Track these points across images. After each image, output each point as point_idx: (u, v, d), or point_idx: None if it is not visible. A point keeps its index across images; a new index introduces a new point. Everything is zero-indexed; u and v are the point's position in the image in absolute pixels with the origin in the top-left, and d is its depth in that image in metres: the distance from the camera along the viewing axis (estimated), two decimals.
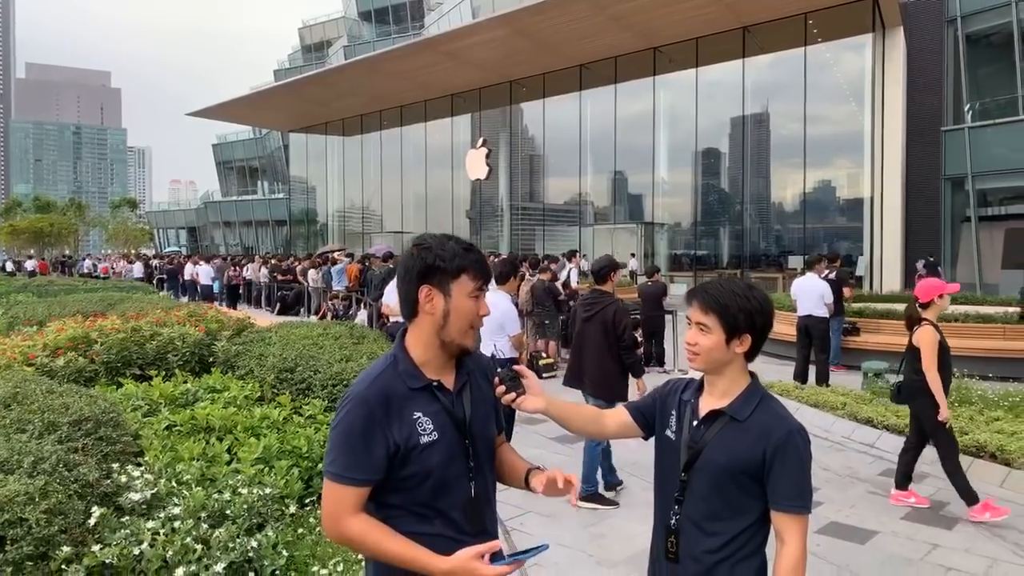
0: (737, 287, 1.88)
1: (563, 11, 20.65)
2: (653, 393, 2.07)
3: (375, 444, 1.60)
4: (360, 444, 1.60)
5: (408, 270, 1.70)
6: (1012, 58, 19.48)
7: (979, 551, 4.38)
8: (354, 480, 1.60)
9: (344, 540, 1.62)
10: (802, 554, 1.74)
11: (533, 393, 1.87)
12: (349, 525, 1.60)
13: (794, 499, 1.75)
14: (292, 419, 5.35)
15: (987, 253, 20.60)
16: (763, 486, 1.78)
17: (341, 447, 1.61)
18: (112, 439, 3.91)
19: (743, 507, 1.80)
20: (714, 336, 1.85)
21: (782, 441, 1.75)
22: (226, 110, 35.18)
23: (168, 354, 7.11)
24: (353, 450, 1.60)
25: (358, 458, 1.60)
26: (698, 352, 1.88)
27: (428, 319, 1.69)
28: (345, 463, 1.60)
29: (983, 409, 6.84)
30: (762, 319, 1.85)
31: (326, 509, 1.62)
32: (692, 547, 1.82)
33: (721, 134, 24.21)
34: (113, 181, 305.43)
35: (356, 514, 1.61)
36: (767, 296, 1.90)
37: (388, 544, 1.60)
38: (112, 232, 62.50)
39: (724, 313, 1.83)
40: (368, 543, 1.61)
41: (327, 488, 1.62)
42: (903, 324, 4.82)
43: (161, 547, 2.90)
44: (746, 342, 1.84)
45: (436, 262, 1.67)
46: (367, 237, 35.24)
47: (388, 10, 46.91)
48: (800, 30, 20.29)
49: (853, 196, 21.18)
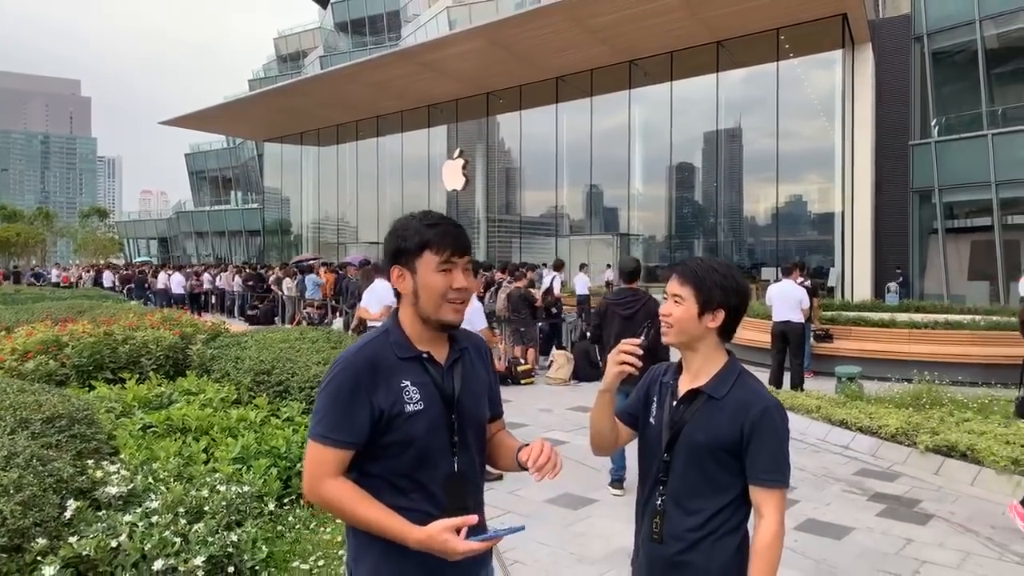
0: (717, 264, 1.91)
1: (540, 23, 20.81)
2: (637, 390, 2.07)
3: (360, 408, 1.62)
4: (346, 407, 1.62)
5: (385, 255, 1.77)
6: (976, 75, 20.01)
7: (952, 545, 4.45)
8: (336, 442, 1.62)
9: (321, 501, 1.64)
10: (779, 528, 1.76)
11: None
12: (327, 487, 1.62)
13: (772, 472, 1.77)
14: (270, 421, 5.30)
15: (954, 265, 21.06)
16: (742, 462, 1.80)
17: (327, 409, 1.63)
18: (87, 436, 3.83)
19: (723, 484, 1.81)
20: (686, 307, 1.87)
21: (759, 416, 1.77)
22: (200, 119, 34.85)
23: (142, 357, 7.01)
24: (338, 412, 1.62)
25: (342, 420, 1.62)
26: (671, 324, 1.89)
27: (405, 299, 1.73)
28: (329, 424, 1.62)
29: (953, 410, 6.97)
30: (736, 298, 1.87)
31: (307, 469, 1.64)
32: (675, 526, 1.83)
33: (695, 148, 24.50)
34: (82, 191, 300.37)
35: (335, 477, 1.63)
36: (745, 281, 1.93)
37: (363, 508, 1.61)
38: (81, 242, 61.46)
39: (700, 285, 1.86)
40: (345, 506, 1.62)
41: (310, 448, 1.64)
42: (872, 331, 4.89)
43: (139, 540, 2.85)
44: (719, 317, 1.86)
45: (399, 243, 1.71)
46: (342, 247, 35.02)
47: (365, 21, 46.95)
48: (772, 46, 20.65)
49: (824, 210, 21.53)
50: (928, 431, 6.28)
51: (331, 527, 3.91)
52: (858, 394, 7.90)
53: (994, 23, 19.93)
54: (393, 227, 1.75)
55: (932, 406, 7.18)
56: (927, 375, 8.34)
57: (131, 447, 4.28)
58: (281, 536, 3.74)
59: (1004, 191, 19.31)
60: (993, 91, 20.75)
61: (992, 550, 4.38)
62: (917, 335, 10.48)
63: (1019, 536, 4.57)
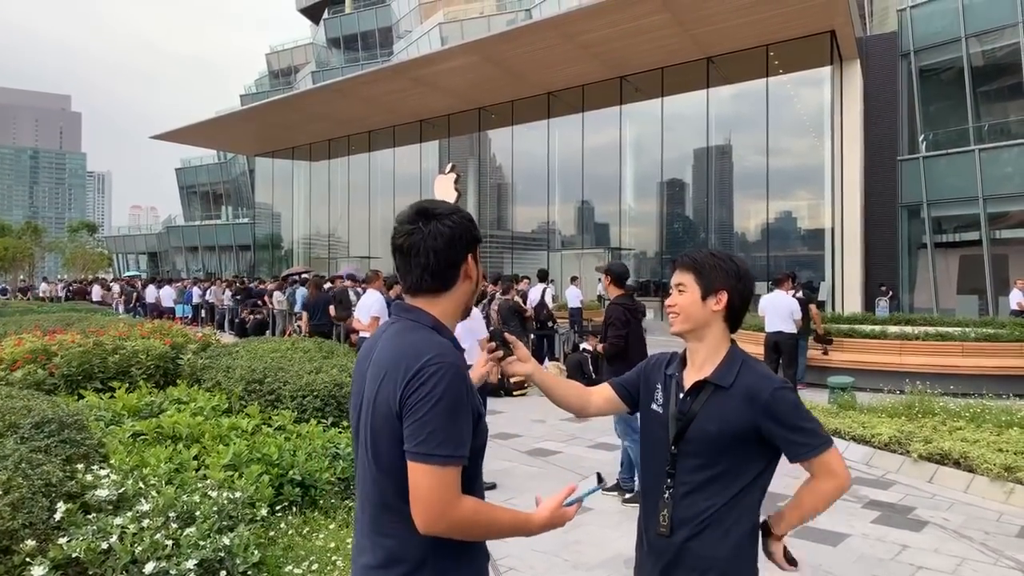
0: (717, 252, 1.94)
1: (532, 39, 20.96)
2: (638, 368, 2.09)
3: (468, 415, 1.50)
4: (464, 417, 1.48)
5: (458, 238, 1.60)
6: (963, 91, 20.28)
7: (947, 551, 4.44)
8: (463, 459, 1.46)
9: (455, 525, 1.44)
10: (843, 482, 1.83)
11: (521, 359, 1.94)
12: (460, 508, 1.44)
13: (810, 440, 1.79)
14: (261, 429, 5.25)
15: (943, 279, 21.22)
16: (756, 449, 1.79)
17: (447, 425, 1.43)
18: (76, 442, 3.78)
19: (735, 474, 1.80)
20: (690, 294, 1.89)
21: (770, 399, 1.76)
22: (191, 134, 34.79)
23: (132, 367, 6.95)
24: (460, 426, 1.46)
25: (464, 434, 1.47)
26: (678, 312, 1.91)
27: (467, 285, 1.67)
28: (456, 442, 1.44)
29: (945, 419, 6.99)
30: (738, 280, 1.89)
31: (436, 496, 1.41)
32: (684, 517, 1.81)
33: (686, 164, 24.66)
34: (71, 207, 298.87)
35: (462, 495, 1.46)
36: (747, 266, 1.95)
37: (498, 513, 1.51)
38: (69, 257, 61.00)
39: (699, 269, 1.89)
40: (482, 518, 1.48)
41: (435, 474, 1.41)
42: (865, 342, 4.96)
43: (130, 543, 2.81)
44: (722, 299, 1.87)
45: (476, 232, 1.67)
46: (333, 262, 34.95)
47: (357, 37, 47.20)
48: (762, 62, 20.86)
49: (814, 225, 21.64)
50: (921, 439, 6.29)
51: (324, 534, 3.87)
52: (851, 404, 7.91)
53: (979, 40, 20.24)
54: (463, 215, 1.65)
55: (924, 415, 7.19)
56: (919, 385, 8.36)
57: (121, 454, 4.22)
58: (273, 542, 3.70)
59: (991, 206, 19.52)
60: (979, 107, 21.03)
61: (987, 556, 4.38)
62: (909, 347, 10.52)
63: (1013, 542, 4.57)
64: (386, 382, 1.50)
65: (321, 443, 4.87)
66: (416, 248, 1.58)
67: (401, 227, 1.62)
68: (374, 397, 1.53)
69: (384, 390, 1.50)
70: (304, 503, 4.40)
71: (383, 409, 1.49)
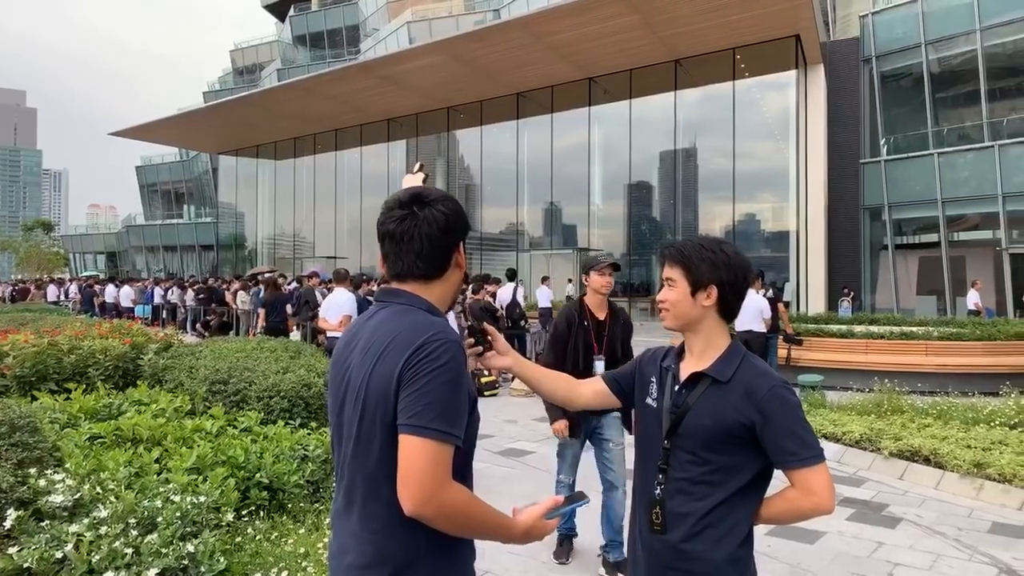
0: (706, 242, 1.85)
1: (500, 39, 20.88)
2: (633, 362, 2.02)
3: (467, 398, 1.45)
4: (463, 397, 1.42)
5: (452, 225, 1.54)
6: (922, 96, 20.73)
7: (923, 548, 4.46)
8: (458, 438, 1.40)
9: (443, 509, 1.35)
10: (823, 502, 1.68)
11: (500, 352, 1.89)
12: (453, 491, 1.37)
13: (800, 450, 1.67)
14: (226, 431, 5.07)
15: (903, 279, 21.65)
16: (754, 448, 1.71)
17: (448, 400, 1.38)
18: (29, 445, 3.58)
19: (730, 471, 1.72)
20: (679, 289, 1.82)
21: (767, 398, 1.69)
22: (152, 131, 33.99)
23: (89, 368, 6.69)
24: (459, 404, 1.41)
25: (462, 413, 1.42)
26: (668, 308, 1.85)
27: (458, 274, 1.62)
28: (452, 418, 1.38)
29: (914, 417, 7.07)
30: (729, 272, 1.79)
31: (427, 473, 1.33)
32: (678, 514, 1.74)
33: (652, 166, 24.82)
34: (26, 205, 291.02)
35: (453, 481, 1.39)
36: (739, 253, 1.85)
37: (488, 510, 1.43)
38: (23, 256, 59.27)
39: (687, 263, 1.81)
40: (472, 509, 1.40)
41: (428, 449, 1.34)
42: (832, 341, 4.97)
43: (86, 551, 2.64)
44: (712, 294, 1.79)
45: (467, 221, 1.62)
46: (298, 262, 34.46)
47: (323, 35, 46.61)
48: (729, 65, 21.08)
49: (779, 228, 21.93)
50: (891, 437, 6.34)
51: (293, 539, 3.73)
52: (821, 402, 7.97)
53: (938, 47, 20.70)
54: (456, 202, 1.58)
55: (893, 413, 7.26)
56: (887, 383, 8.46)
57: (77, 457, 4.02)
58: (240, 548, 3.54)
59: (950, 209, 19.97)
60: (938, 112, 21.49)
61: (962, 552, 4.40)
62: (874, 346, 10.68)
63: (986, 538, 4.61)
64: (387, 357, 1.43)
65: (289, 445, 4.71)
66: (410, 234, 1.51)
67: (392, 212, 1.54)
68: (367, 378, 1.45)
69: (381, 368, 1.43)
70: (272, 507, 4.24)
71: (379, 388, 1.42)
